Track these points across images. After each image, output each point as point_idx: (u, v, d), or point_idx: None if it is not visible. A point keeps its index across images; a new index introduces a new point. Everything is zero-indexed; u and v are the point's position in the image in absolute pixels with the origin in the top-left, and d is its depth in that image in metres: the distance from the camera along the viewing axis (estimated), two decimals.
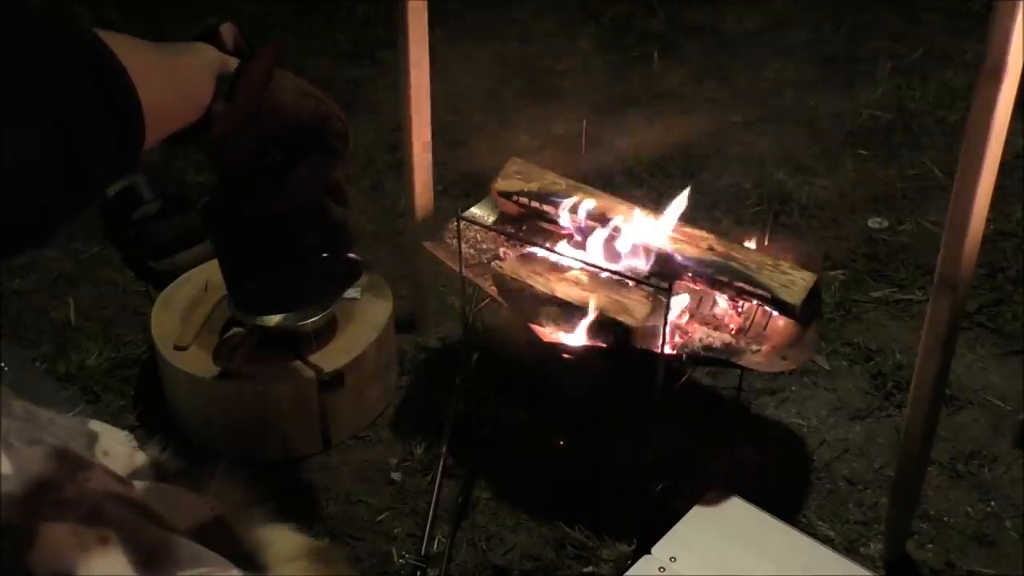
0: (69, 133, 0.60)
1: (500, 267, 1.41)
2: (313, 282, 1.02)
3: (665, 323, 1.26)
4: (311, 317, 1.49)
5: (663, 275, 1.38)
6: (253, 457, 1.49)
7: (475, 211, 1.55)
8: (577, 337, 1.37)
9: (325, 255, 0.97)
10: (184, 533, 0.78)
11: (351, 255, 1.00)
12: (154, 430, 1.47)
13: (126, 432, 0.98)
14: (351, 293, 1.57)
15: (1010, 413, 1.56)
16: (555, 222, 1.51)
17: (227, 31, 0.84)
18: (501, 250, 1.51)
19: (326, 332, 1.52)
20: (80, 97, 0.61)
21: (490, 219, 1.55)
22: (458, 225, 1.38)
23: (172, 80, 0.73)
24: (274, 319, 1.53)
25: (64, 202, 0.62)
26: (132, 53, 0.66)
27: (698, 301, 1.43)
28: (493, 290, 1.42)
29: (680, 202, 1.45)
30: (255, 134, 0.86)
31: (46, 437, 0.76)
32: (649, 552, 1.26)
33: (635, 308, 1.33)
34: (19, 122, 0.58)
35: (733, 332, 1.39)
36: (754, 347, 1.36)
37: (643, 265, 1.41)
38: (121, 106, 0.64)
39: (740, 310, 1.41)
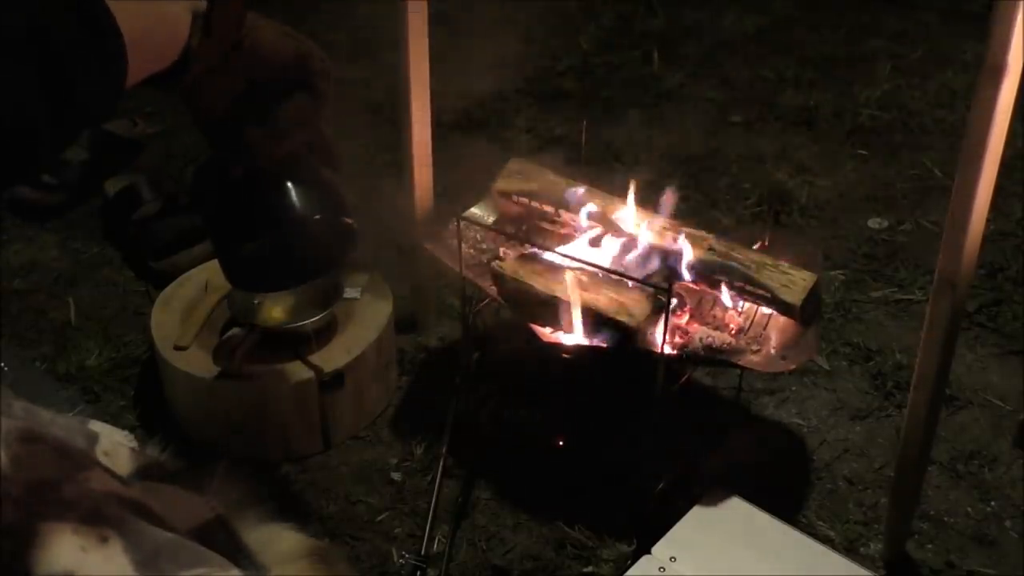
0: (50, 56, 0.60)
1: (500, 267, 1.41)
2: (308, 248, 0.99)
3: (665, 323, 1.26)
4: (311, 316, 1.49)
5: (663, 275, 1.38)
6: (253, 457, 1.49)
7: (475, 211, 1.54)
8: (577, 337, 1.37)
9: (317, 217, 0.95)
10: (184, 533, 0.78)
11: (346, 219, 0.97)
12: (154, 430, 1.48)
13: (126, 432, 0.98)
14: (351, 293, 1.57)
15: (1010, 413, 1.56)
16: (555, 222, 1.51)
17: None
18: (501, 250, 1.50)
19: (326, 332, 1.52)
20: (61, 23, 0.61)
21: (490, 219, 1.54)
22: (458, 225, 1.38)
23: (149, 13, 0.72)
24: (274, 314, 1.53)
25: (50, 128, 0.62)
26: None
27: (698, 301, 1.43)
28: (493, 290, 1.42)
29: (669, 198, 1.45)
30: (236, 78, 0.85)
31: (46, 437, 0.76)
32: (649, 552, 1.26)
33: (635, 308, 1.33)
34: None
35: (733, 332, 1.39)
36: (754, 347, 1.36)
37: (643, 265, 1.41)
38: (102, 32, 0.64)
39: (740, 310, 1.41)
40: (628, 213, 1.46)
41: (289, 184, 0.93)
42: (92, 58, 0.63)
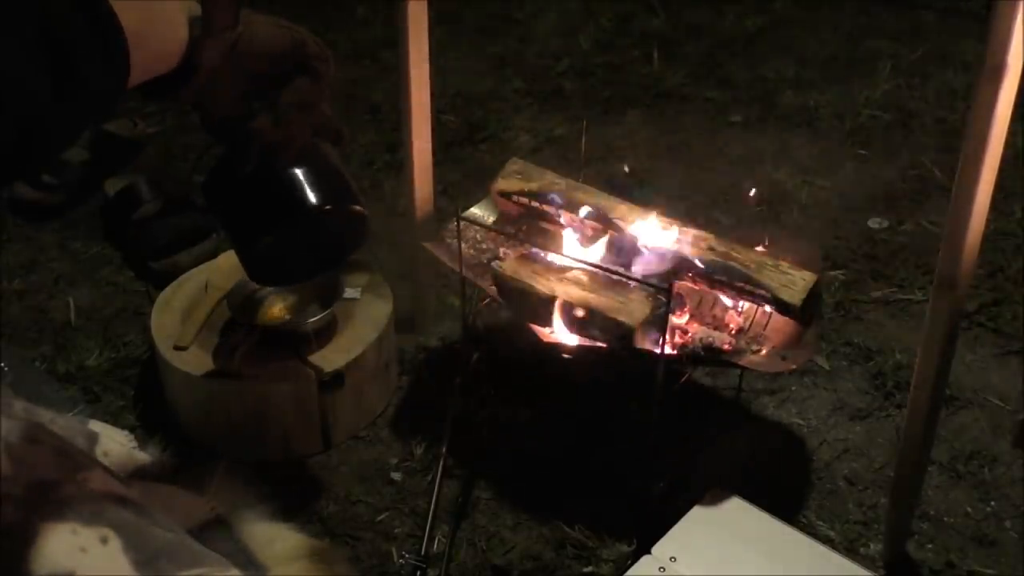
0: (56, 49, 0.61)
1: (500, 267, 1.41)
2: (324, 238, 1.00)
3: (665, 323, 1.26)
4: (311, 316, 1.49)
5: (663, 275, 1.38)
6: (253, 457, 1.49)
7: (475, 211, 1.55)
8: (577, 337, 1.37)
9: (328, 207, 0.96)
10: (184, 533, 0.78)
11: (356, 207, 0.98)
12: (154, 430, 1.47)
13: (126, 432, 0.98)
14: (351, 293, 1.57)
15: (1010, 413, 1.56)
16: (555, 222, 1.51)
17: None
18: (501, 250, 1.51)
19: (326, 332, 1.52)
20: (65, 17, 0.62)
21: (490, 219, 1.55)
22: (458, 225, 1.38)
23: (146, 13, 0.73)
24: (274, 313, 1.53)
25: (55, 120, 0.62)
26: None
27: (698, 301, 1.43)
28: (493, 290, 1.42)
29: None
30: (238, 75, 0.86)
31: (46, 437, 0.76)
32: (649, 552, 1.26)
33: (635, 308, 1.33)
34: (3, 35, 0.58)
35: (733, 332, 1.39)
36: (754, 347, 1.36)
37: (643, 265, 1.41)
38: (104, 27, 0.65)
39: (740, 310, 1.41)
40: (627, 213, 1.47)
41: (300, 175, 0.94)
42: (96, 51, 0.64)
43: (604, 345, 1.35)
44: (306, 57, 0.90)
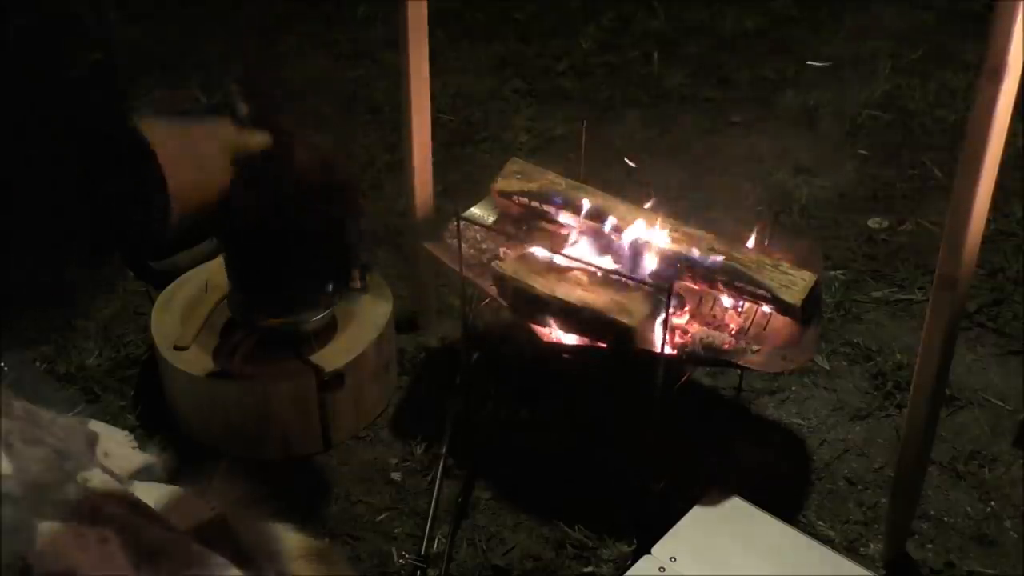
0: (102, 203, 0.70)
1: (500, 267, 1.41)
2: (320, 282, 1.03)
3: (665, 323, 1.26)
4: (311, 316, 1.49)
5: (663, 275, 1.38)
6: (253, 457, 1.49)
7: (475, 211, 1.55)
8: (577, 337, 1.37)
9: (329, 247, 0.98)
10: (184, 533, 0.78)
11: (354, 237, 1.01)
12: (154, 430, 1.48)
13: (126, 432, 0.98)
14: None
15: (1010, 413, 1.56)
16: (555, 222, 1.51)
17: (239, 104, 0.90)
18: (501, 250, 1.51)
19: (326, 332, 1.52)
20: (112, 173, 0.72)
21: (490, 219, 1.55)
22: (458, 225, 1.38)
23: (193, 159, 0.83)
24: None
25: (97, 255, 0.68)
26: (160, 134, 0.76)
27: (698, 301, 1.43)
28: (493, 290, 1.42)
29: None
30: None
31: (46, 437, 0.76)
32: (649, 552, 1.26)
33: (635, 308, 1.33)
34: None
35: (733, 332, 1.39)
36: (754, 347, 1.36)
37: (643, 265, 1.41)
38: (148, 190, 0.75)
39: (740, 310, 1.41)
40: (627, 213, 1.47)
41: (300, 221, 0.98)
42: (139, 210, 0.74)
43: (604, 345, 1.35)
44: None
